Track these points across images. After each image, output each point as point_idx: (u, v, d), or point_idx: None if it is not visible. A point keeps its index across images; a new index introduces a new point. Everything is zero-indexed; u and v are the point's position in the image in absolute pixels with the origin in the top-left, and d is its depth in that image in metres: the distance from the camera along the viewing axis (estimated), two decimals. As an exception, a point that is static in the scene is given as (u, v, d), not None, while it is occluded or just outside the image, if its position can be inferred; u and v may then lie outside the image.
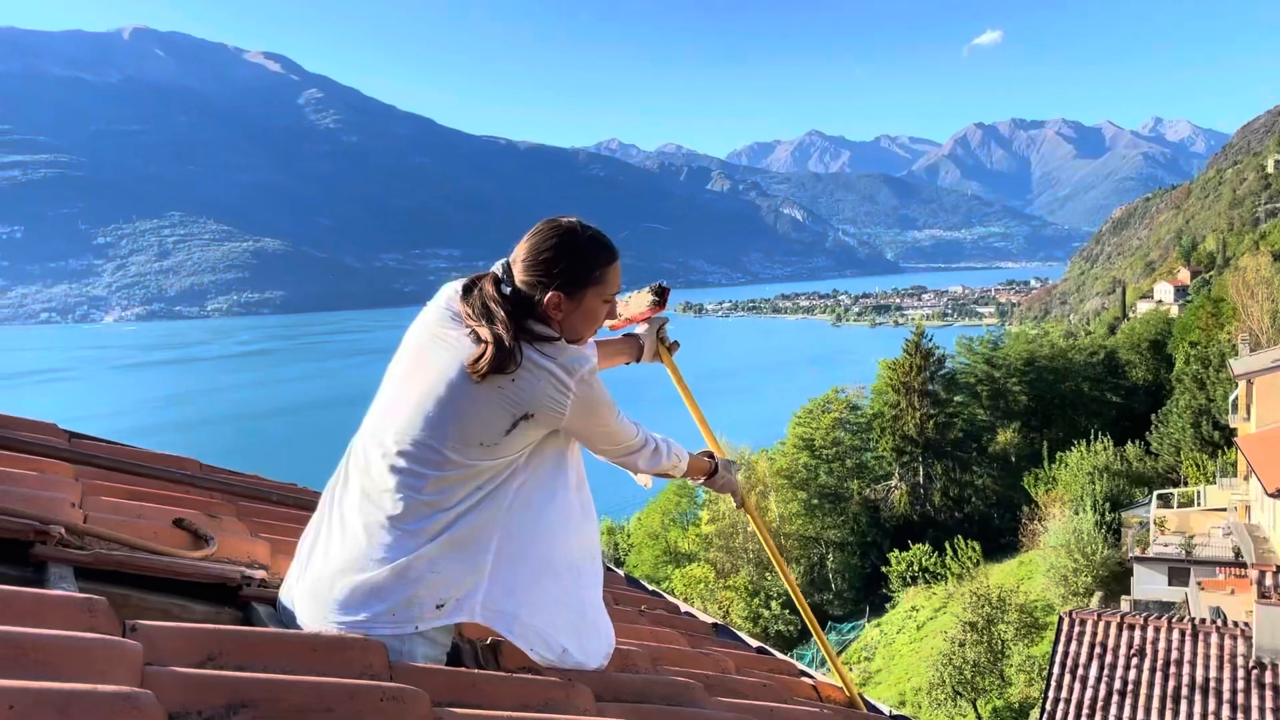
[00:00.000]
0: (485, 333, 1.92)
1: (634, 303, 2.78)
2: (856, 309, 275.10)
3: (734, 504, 2.84)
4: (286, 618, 1.91)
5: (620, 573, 4.07)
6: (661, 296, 2.71)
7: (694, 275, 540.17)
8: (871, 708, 2.85)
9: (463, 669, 1.65)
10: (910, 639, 30.96)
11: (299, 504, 3.15)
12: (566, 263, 2.03)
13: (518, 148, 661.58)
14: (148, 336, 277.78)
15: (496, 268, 2.09)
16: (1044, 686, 14.24)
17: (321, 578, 1.88)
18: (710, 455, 2.70)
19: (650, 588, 3.83)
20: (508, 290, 2.02)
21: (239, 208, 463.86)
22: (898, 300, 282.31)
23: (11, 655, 1.11)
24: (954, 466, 41.83)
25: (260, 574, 2.09)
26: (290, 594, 1.94)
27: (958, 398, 44.14)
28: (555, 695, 1.65)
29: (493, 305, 1.98)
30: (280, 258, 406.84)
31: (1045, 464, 37.98)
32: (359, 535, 1.88)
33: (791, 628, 34.37)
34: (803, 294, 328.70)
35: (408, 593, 1.82)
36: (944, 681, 24.07)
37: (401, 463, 1.89)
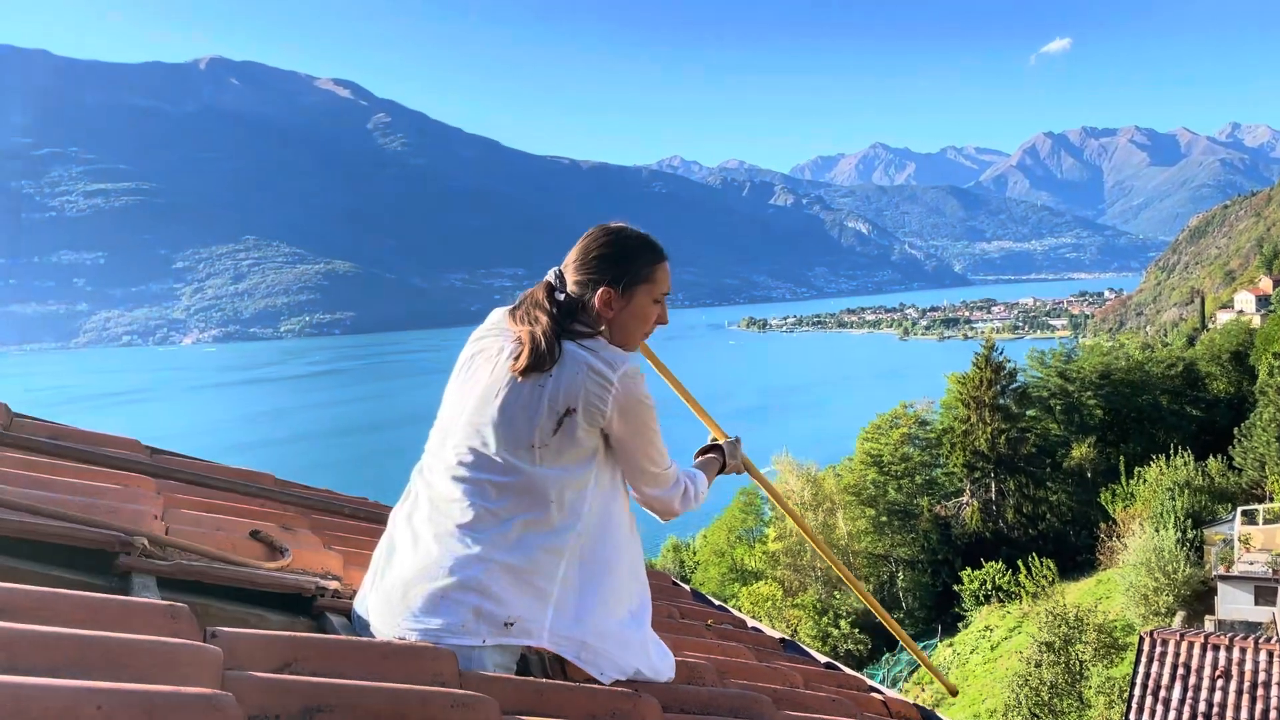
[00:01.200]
0: (524, 332, 2.00)
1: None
2: (924, 323, 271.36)
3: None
4: (360, 627, 1.95)
5: (686, 587, 4.07)
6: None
7: (757, 291, 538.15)
8: (943, 724, 2.80)
9: (531, 679, 1.67)
10: (984, 659, 30.32)
11: (370, 517, 3.22)
12: (616, 260, 2.11)
13: (580, 167, 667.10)
14: (224, 358, 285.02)
15: (550, 275, 2.16)
16: (1124, 709, 13.84)
17: (394, 586, 1.92)
18: (712, 448, 2.68)
19: (716, 602, 3.82)
20: (561, 296, 2.09)
21: (310, 231, 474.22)
22: (966, 313, 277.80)
23: (100, 658, 1.15)
24: (1027, 482, 40.94)
25: (334, 585, 2.14)
26: (364, 604, 1.98)
27: (1030, 412, 43.23)
28: (622, 706, 1.66)
29: (536, 309, 2.05)
30: (350, 279, 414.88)
31: (1123, 480, 36.98)
32: (430, 546, 1.92)
33: (862, 647, 33.87)
34: (868, 308, 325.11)
35: (478, 604, 1.84)
36: (1020, 703, 23.52)
37: (463, 472, 1.94)
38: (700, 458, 2.64)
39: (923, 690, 29.38)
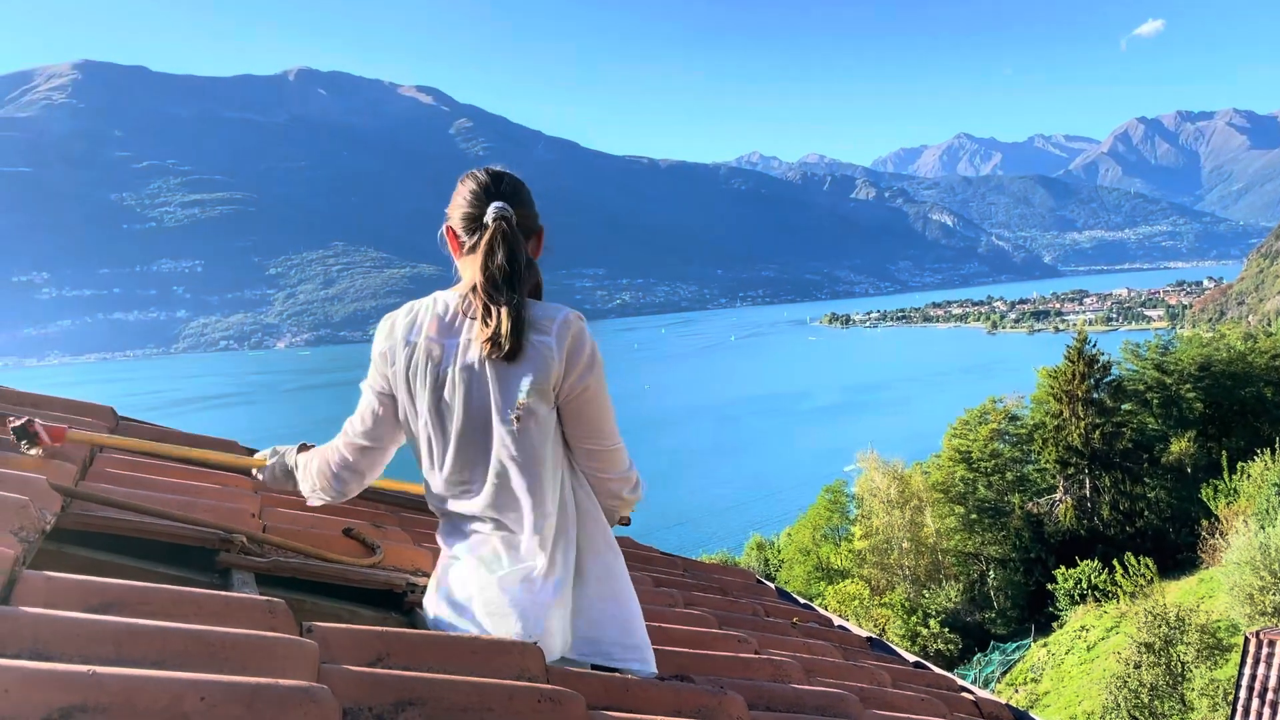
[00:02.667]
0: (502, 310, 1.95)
1: None
2: (1013, 316, 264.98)
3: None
4: (438, 622, 1.97)
5: (771, 585, 4.04)
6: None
7: (840, 286, 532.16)
8: (1037, 726, 2.74)
9: (616, 674, 1.68)
10: (1080, 660, 29.51)
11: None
12: (531, 200, 2.11)
13: (659, 166, 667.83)
14: (317, 360, 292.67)
15: (510, 214, 2.03)
16: (1229, 712, 13.34)
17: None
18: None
19: (802, 601, 3.80)
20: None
21: (396, 235, 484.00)
22: (1057, 305, 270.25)
23: (202, 651, 1.20)
24: (1123, 478, 39.68)
25: (423, 581, 2.19)
26: (437, 599, 2.00)
27: (1126, 406, 41.87)
28: (708, 703, 1.66)
29: (528, 271, 2.01)
30: (435, 282, 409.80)
31: (1225, 475, 35.59)
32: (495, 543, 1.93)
33: (952, 647, 33.27)
34: (955, 301, 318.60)
35: (526, 606, 1.84)
36: (1119, 705, 22.84)
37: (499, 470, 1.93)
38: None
39: (1016, 691, 28.76)
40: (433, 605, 1.97)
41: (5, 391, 2.77)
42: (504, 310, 1.87)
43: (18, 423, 2.02)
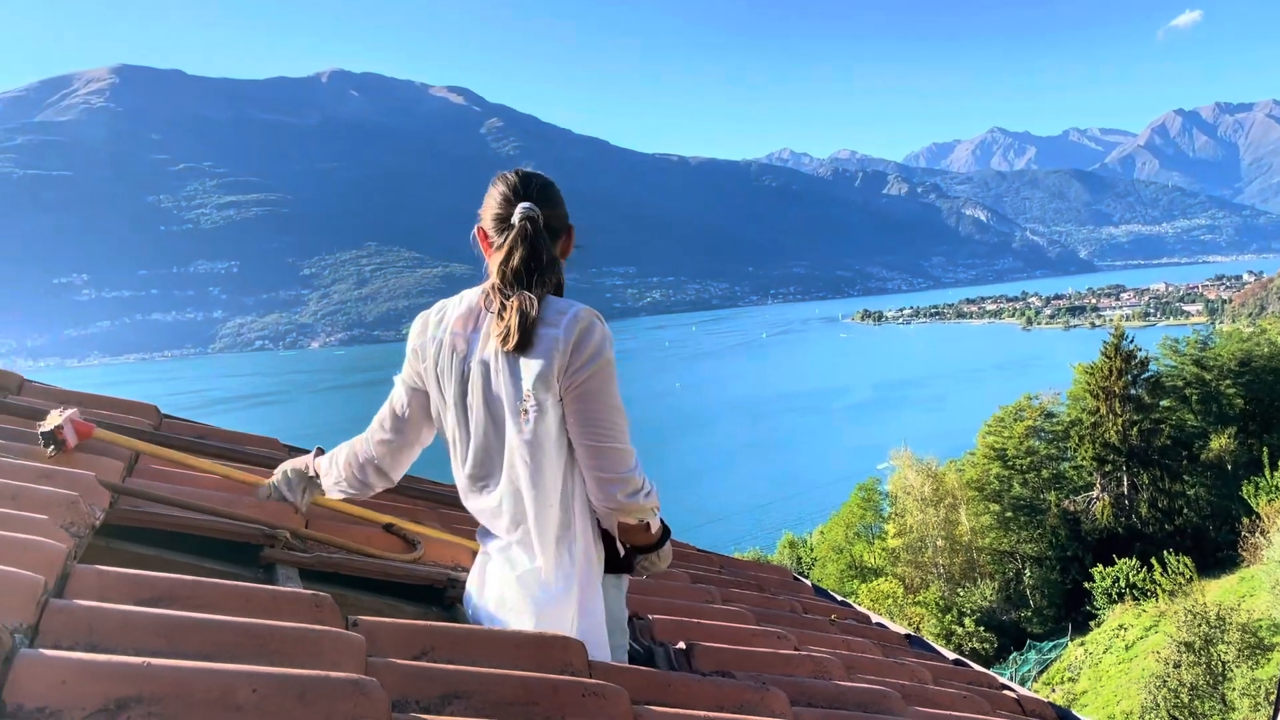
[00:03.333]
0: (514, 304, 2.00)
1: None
2: (1048, 311, 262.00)
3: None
4: (486, 618, 1.99)
5: (807, 582, 4.03)
6: None
7: (872, 282, 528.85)
8: (1080, 724, 2.71)
9: (658, 669, 1.69)
10: (1118, 659, 29.17)
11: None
12: (561, 200, 2.17)
13: (689, 163, 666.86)
14: (352, 359, 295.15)
15: (537, 214, 2.08)
16: (1271, 712, 13.14)
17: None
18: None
19: (839, 598, 3.78)
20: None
21: (428, 235, 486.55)
22: (1093, 300, 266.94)
23: (252, 643, 1.22)
24: (1162, 476, 39.14)
25: (463, 576, 2.20)
26: (478, 594, 2.02)
27: (1164, 402, 41.28)
28: (750, 699, 1.66)
29: (551, 269, 2.06)
30: (468, 281, 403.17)
31: (1267, 472, 35.00)
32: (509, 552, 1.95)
33: (987, 645, 33.01)
34: (989, 297, 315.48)
35: (541, 604, 1.85)
36: (1158, 705, 22.54)
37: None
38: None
39: (1053, 691, 28.48)
40: (472, 601, 2.00)
41: (52, 390, 2.82)
42: (515, 303, 1.92)
43: (46, 427, 2.05)
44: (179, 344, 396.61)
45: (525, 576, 1.88)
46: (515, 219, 2.04)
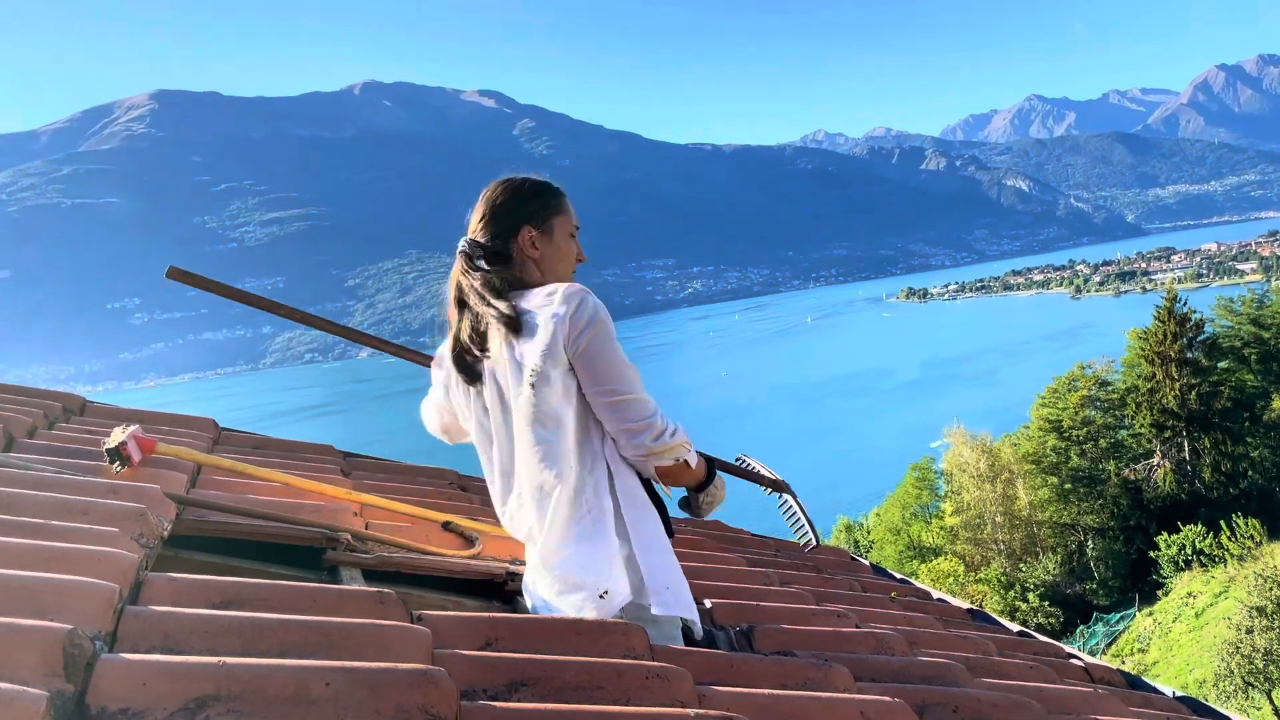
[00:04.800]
0: (487, 314, 2.00)
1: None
2: (1097, 278, 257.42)
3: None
4: (543, 608, 2.02)
5: (865, 561, 4.02)
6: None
7: (915, 260, 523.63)
8: (1152, 689, 2.68)
9: (719, 651, 1.70)
10: (1189, 628, 28.68)
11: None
12: (525, 200, 2.09)
13: (723, 151, 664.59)
14: (403, 367, 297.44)
15: (462, 245, 2.11)
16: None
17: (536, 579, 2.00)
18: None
19: (898, 576, 3.76)
20: (480, 259, 2.07)
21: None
22: (1143, 265, 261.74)
23: (321, 640, 1.25)
24: (1224, 439, 38.32)
25: (521, 569, 2.23)
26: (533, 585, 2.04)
27: (1222, 364, 40.41)
28: (813, 676, 1.66)
29: (473, 296, 2.04)
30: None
31: (1334, 429, 34.22)
32: (540, 540, 1.97)
33: (1053, 620, 32.59)
34: (1035, 268, 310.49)
35: (578, 588, 1.87)
36: (1232, 672, 22.14)
37: (523, 462, 1.98)
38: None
39: (1123, 663, 28.06)
40: (530, 592, 2.03)
41: (114, 409, 2.90)
42: (461, 327, 2.06)
43: (111, 444, 2.10)
44: (231, 361, 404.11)
45: (560, 564, 1.90)
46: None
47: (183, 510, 2.03)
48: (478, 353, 1.99)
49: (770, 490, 2.60)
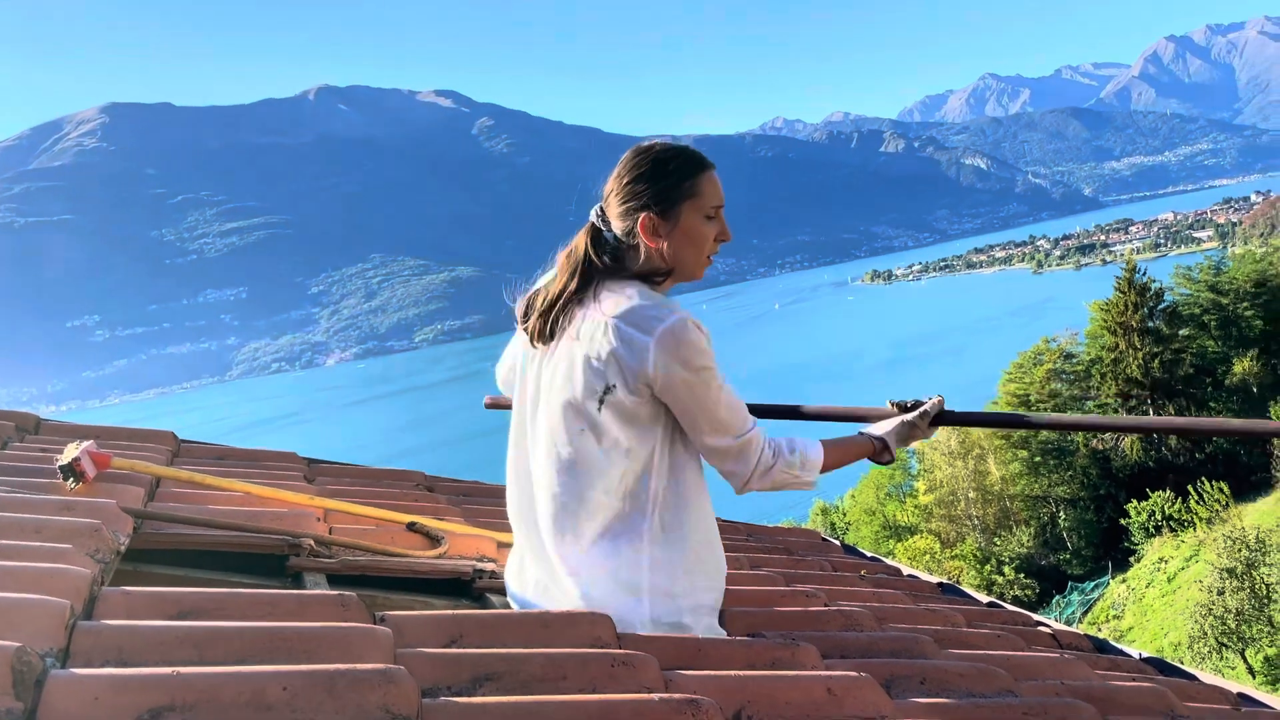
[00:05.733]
0: (540, 295, 1.91)
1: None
2: (1058, 253, 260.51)
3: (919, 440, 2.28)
4: (518, 604, 1.99)
5: (836, 541, 4.05)
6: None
7: (878, 242, 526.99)
8: (1119, 652, 2.71)
9: (688, 635, 1.70)
10: (1162, 592, 29.14)
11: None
12: (651, 179, 1.89)
13: (683, 141, 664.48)
14: (371, 372, 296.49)
15: (593, 215, 1.96)
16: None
17: (532, 588, 1.93)
18: (865, 436, 2.23)
19: (869, 554, 3.79)
20: (609, 238, 1.92)
21: (431, 241, 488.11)
22: (1102, 237, 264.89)
23: (280, 646, 1.24)
24: (1188, 405, 38.96)
25: (490, 566, 2.23)
26: (518, 582, 2.01)
27: (1183, 332, 41.07)
28: (781, 655, 1.67)
29: (567, 270, 1.91)
30: (475, 283, 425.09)
31: (1294, 390, 34.85)
32: (543, 548, 1.89)
33: (1029, 592, 33.01)
34: (997, 245, 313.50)
35: (585, 606, 1.78)
36: (1205, 634, 22.54)
37: (542, 468, 1.89)
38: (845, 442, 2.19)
39: (1099, 630, 28.45)
40: (512, 591, 2.01)
41: (68, 426, 2.85)
42: (572, 283, 1.91)
43: (64, 461, 2.07)
44: (196, 375, 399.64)
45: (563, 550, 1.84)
46: None
47: (141, 524, 2.00)
48: (562, 320, 1.84)
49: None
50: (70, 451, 2.07)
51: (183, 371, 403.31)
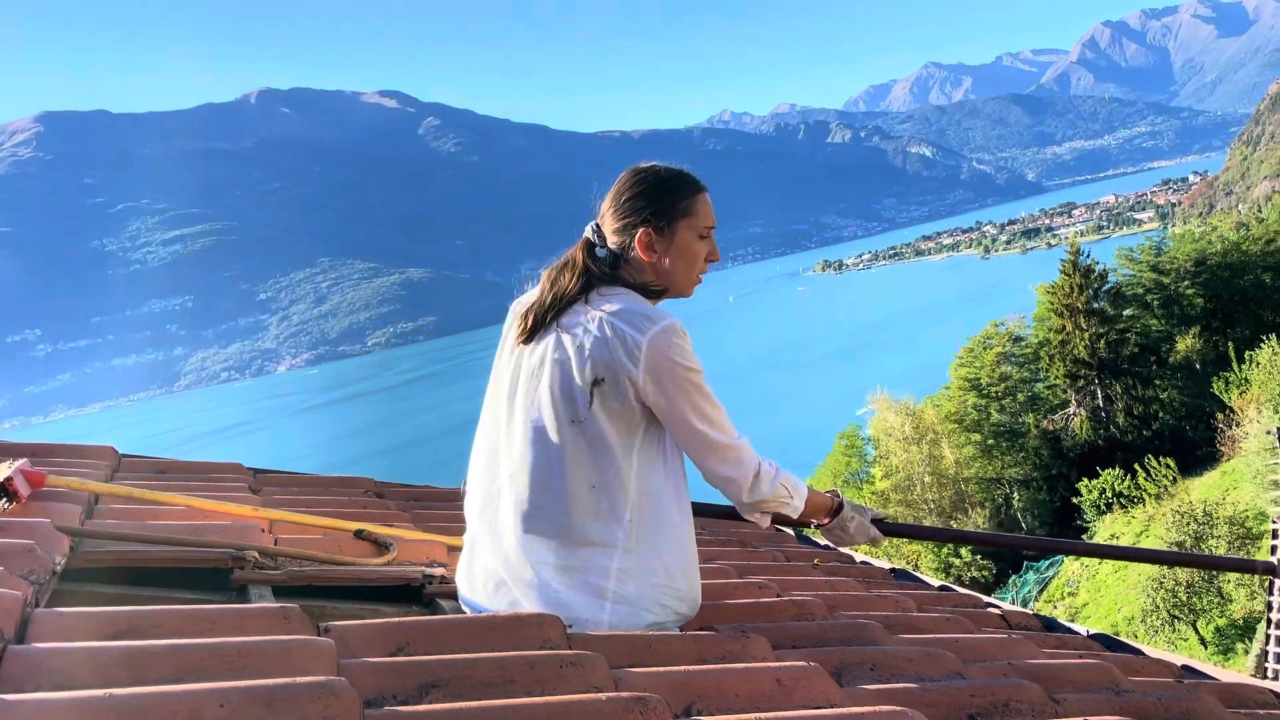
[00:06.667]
0: (537, 296, 1.98)
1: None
2: (1004, 238, 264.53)
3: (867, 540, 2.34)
4: (470, 606, 1.98)
5: (789, 531, 4.06)
6: None
7: (828, 232, 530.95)
8: (1067, 630, 2.76)
9: (637, 633, 1.70)
10: (1115, 568, 29.66)
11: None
12: (650, 197, 1.99)
13: (632, 137, 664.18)
14: (324, 379, 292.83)
15: (588, 230, 2.05)
16: (1267, 596, 13.44)
17: (485, 580, 1.92)
18: (835, 494, 2.30)
19: (822, 542, 3.82)
20: (601, 252, 1.99)
21: (381, 244, 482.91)
22: (1047, 221, 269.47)
23: (219, 662, 1.21)
24: (1134, 384, 39.73)
25: (440, 571, 2.21)
26: (468, 584, 2.00)
27: (1127, 312, 41.87)
28: (731, 648, 1.67)
29: (564, 270, 2.00)
30: (426, 284, 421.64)
31: (1235, 366, 35.62)
32: (505, 542, 1.89)
33: (986, 573, 33.47)
34: (944, 232, 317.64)
35: (542, 607, 1.77)
36: (1157, 607, 23.00)
37: (513, 463, 1.90)
38: (817, 492, 2.24)
39: (1055, 607, 28.95)
40: (464, 596, 2.00)
41: (2, 445, 2.78)
42: (561, 281, 2.02)
43: (-8, 481, 2.01)
44: (144, 386, 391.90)
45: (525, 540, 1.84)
46: None
47: (80, 543, 1.96)
48: (553, 316, 1.93)
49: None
50: (2, 471, 2.02)
51: (129, 383, 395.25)
